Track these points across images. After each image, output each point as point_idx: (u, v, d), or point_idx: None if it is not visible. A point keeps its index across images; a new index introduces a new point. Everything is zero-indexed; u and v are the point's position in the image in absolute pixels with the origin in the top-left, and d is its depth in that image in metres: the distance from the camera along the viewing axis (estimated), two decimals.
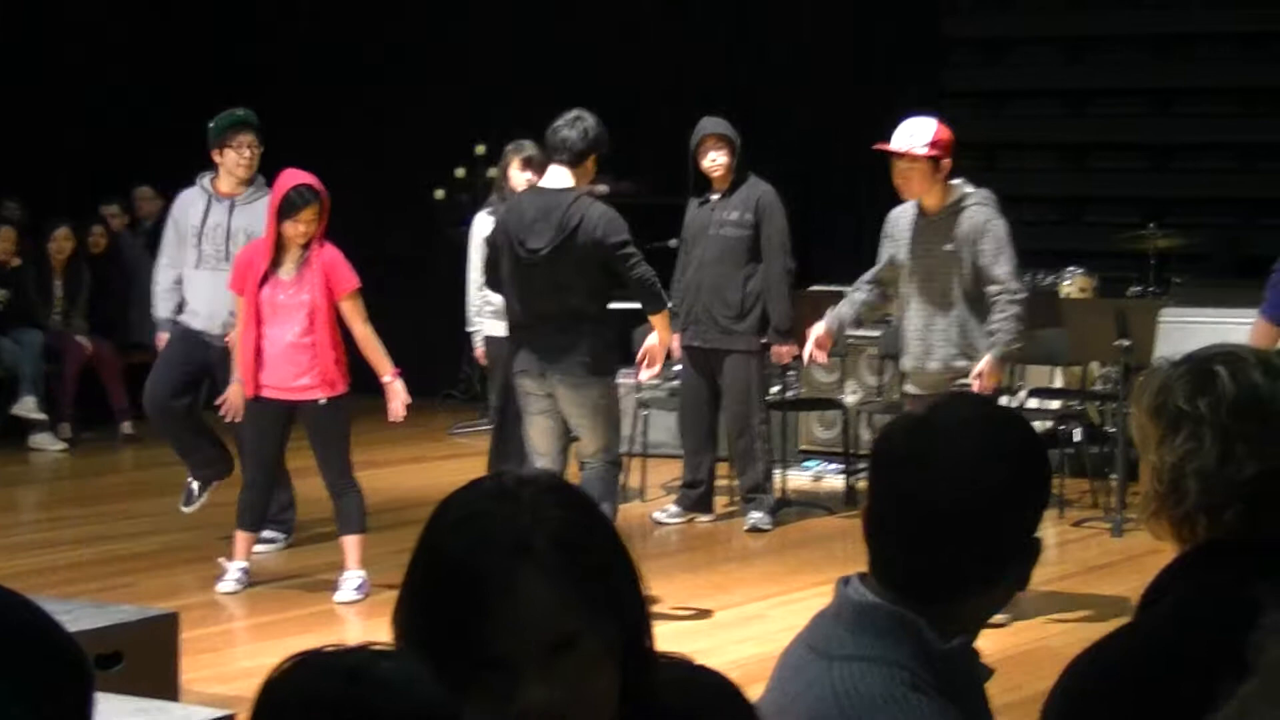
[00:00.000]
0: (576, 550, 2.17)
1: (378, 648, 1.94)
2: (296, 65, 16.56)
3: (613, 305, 12.88)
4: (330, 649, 1.94)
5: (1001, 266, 8.52)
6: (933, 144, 8.46)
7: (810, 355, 9.06)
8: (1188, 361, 2.99)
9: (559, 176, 8.83)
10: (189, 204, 10.06)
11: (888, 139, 8.58)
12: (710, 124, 10.92)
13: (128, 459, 13.74)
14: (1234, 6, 14.25)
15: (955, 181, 8.64)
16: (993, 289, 8.53)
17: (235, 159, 9.95)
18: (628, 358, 12.28)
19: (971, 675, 2.70)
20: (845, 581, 2.71)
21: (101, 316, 14.67)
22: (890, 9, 15.22)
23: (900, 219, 8.80)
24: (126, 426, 14.14)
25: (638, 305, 9.26)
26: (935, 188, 8.55)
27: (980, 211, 8.57)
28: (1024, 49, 15.19)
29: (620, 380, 12.86)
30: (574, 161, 8.80)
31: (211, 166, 10.07)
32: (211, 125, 10.00)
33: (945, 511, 2.63)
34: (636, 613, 2.24)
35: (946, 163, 8.53)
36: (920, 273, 8.64)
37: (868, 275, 9.05)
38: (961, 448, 2.66)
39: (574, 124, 8.84)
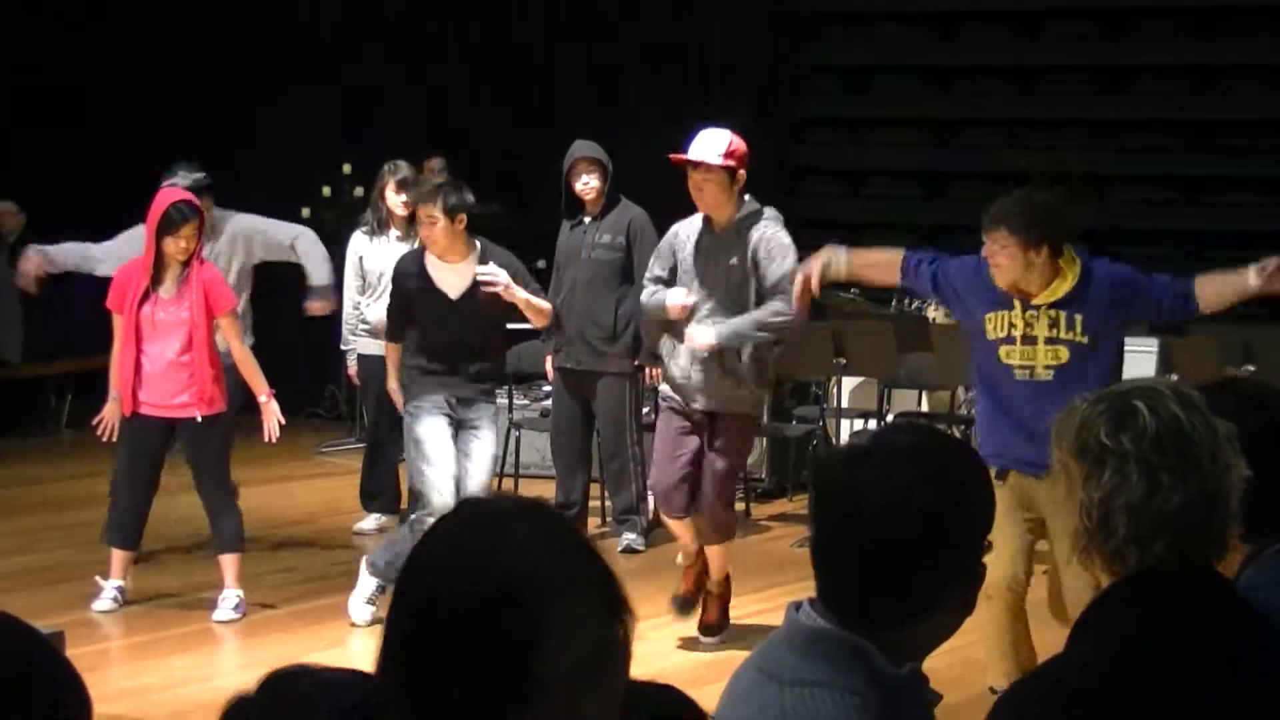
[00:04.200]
0: (589, 559, 2.22)
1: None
2: (159, 78, 16.45)
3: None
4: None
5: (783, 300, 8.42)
6: (728, 154, 8.35)
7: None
8: (1106, 399, 3.09)
9: None
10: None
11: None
12: (582, 147, 10.98)
13: None
14: (1086, 40, 14.54)
15: (747, 198, 8.55)
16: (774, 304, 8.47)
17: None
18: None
19: (921, 700, 2.79)
20: (796, 606, 2.79)
21: None
22: (750, 39, 15.38)
23: (685, 231, 8.65)
24: None
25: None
26: (729, 201, 8.44)
27: (770, 227, 8.49)
28: (886, 76, 15.40)
29: None
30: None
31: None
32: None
33: (885, 538, 2.72)
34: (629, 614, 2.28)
35: (741, 174, 8.42)
36: (705, 285, 8.53)
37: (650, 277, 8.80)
38: (899, 475, 2.74)
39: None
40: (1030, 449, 7.09)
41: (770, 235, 8.48)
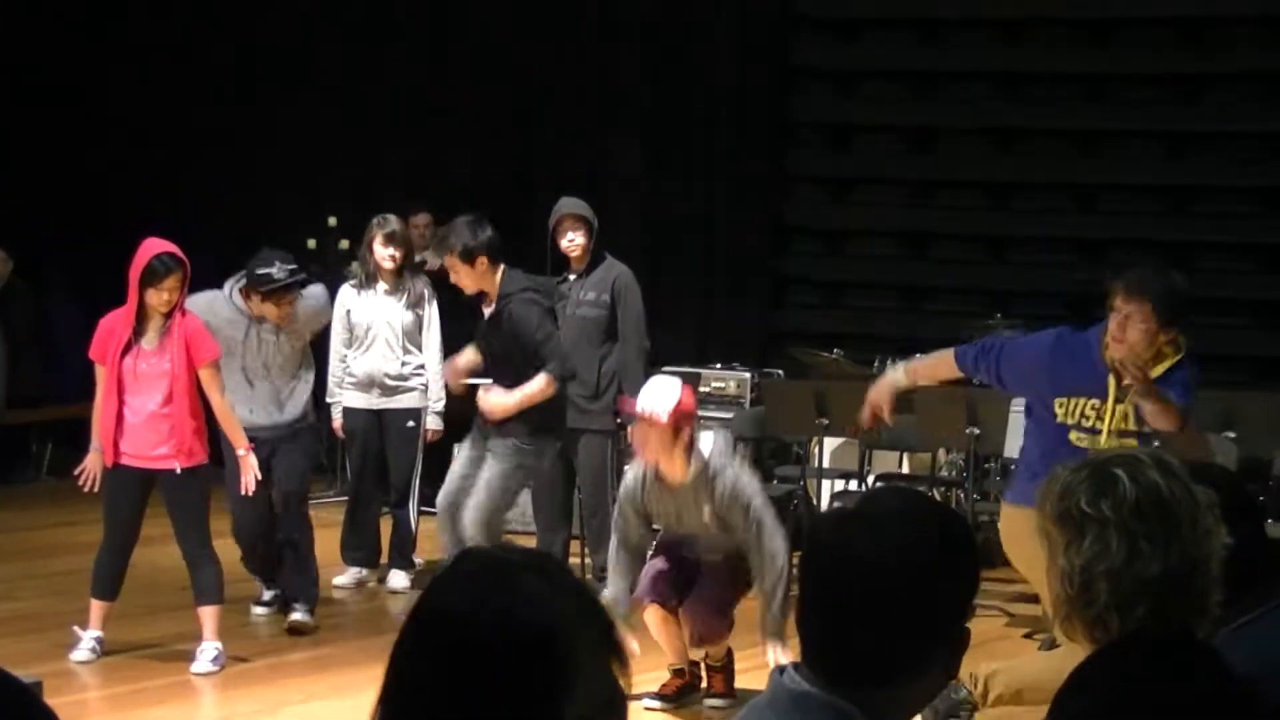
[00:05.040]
0: (597, 608, 2.26)
1: None
2: (146, 128, 16.49)
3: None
4: None
5: (774, 538, 8.31)
6: (675, 411, 8.25)
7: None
8: (1087, 466, 3.12)
9: None
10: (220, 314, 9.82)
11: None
12: (568, 204, 11.01)
13: None
14: (1066, 102, 14.60)
15: (695, 449, 8.38)
16: (773, 561, 8.29)
17: (276, 313, 9.80)
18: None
19: None
20: (780, 670, 2.80)
21: None
22: (736, 94, 15.41)
23: (636, 488, 8.53)
24: None
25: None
26: (670, 456, 8.33)
27: (728, 476, 8.35)
28: (869, 136, 15.43)
29: None
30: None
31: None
32: (259, 275, 9.71)
33: (872, 602, 2.72)
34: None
35: (685, 434, 8.31)
36: (688, 537, 8.56)
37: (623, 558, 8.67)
38: (886, 539, 2.75)
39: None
40: None
41: (729, 491, 8.32)
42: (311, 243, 15.01)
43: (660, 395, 8.32)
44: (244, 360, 9.88)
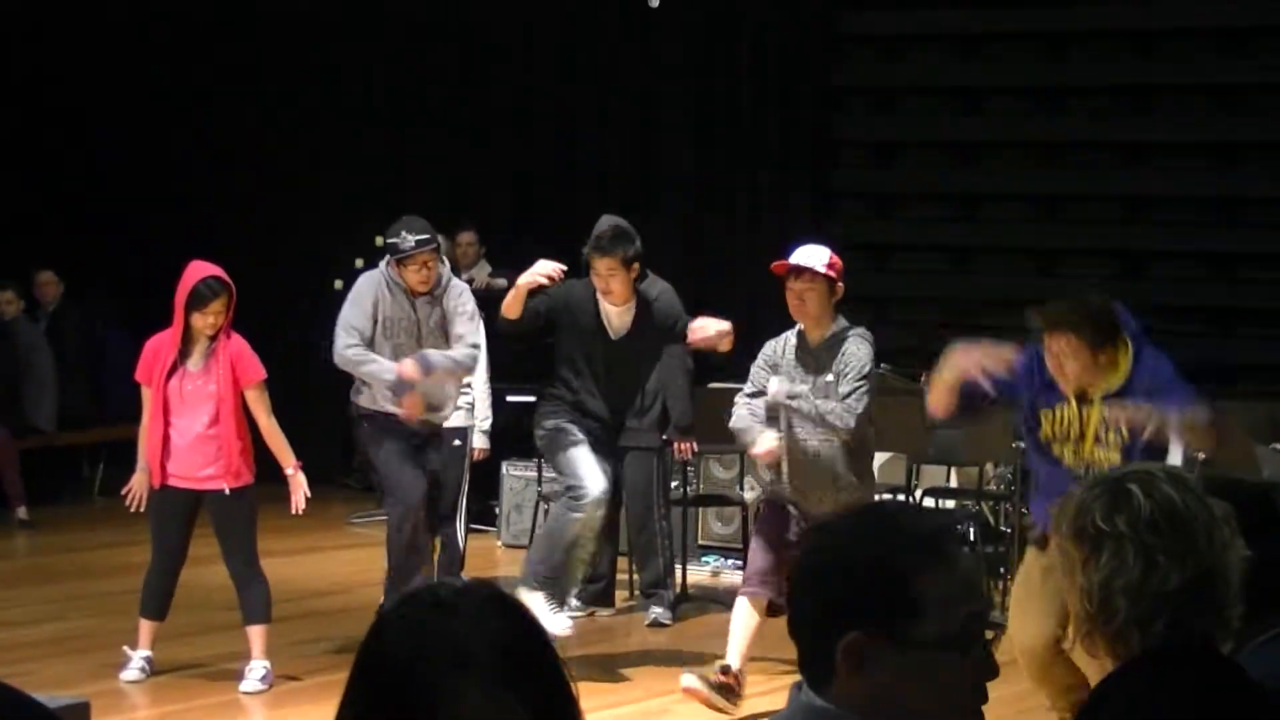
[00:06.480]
0: (515, 660, 2.24)
1: None
2: (198, 150, 16.61)
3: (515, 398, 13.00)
4: None
5: (858, 400, 8.60)
6: (830, 265, 8.60)
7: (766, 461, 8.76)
8: (1101, 483, 3.14)
9: None
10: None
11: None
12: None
13: (21, 545, 13.64)
14: (1109, 119, 14.58)
15: (839, 316, 8.75)
16: (832, 413, 8.58)
17: (416, 277, 9.79)
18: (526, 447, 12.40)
19: None
20: (799, 686, 2.80)
21: None
22: (781, 109, 15.42)
23: (782, 348, 8.81)
24: (21, 512, 14.01)
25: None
26: (828, 313, 8.64)
27: (862, 346, 8.64)
28: (913, 152, 15.42)
29: (518, 472, 13.02)
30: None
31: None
32: (389, 243, 9.81)
33: (812, 606, 2.72)
34: (571, 714, 2.33)
35: (840, 287, 8.66)
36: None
37: (750, 393, 8.89)
38: (829, 548, 2.75)
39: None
40: None
41: (851, 350, 8.64)
42: (359, 262, 15.06)
43: (813, 253, 8.63)
44: (397, 339, 9.88)
